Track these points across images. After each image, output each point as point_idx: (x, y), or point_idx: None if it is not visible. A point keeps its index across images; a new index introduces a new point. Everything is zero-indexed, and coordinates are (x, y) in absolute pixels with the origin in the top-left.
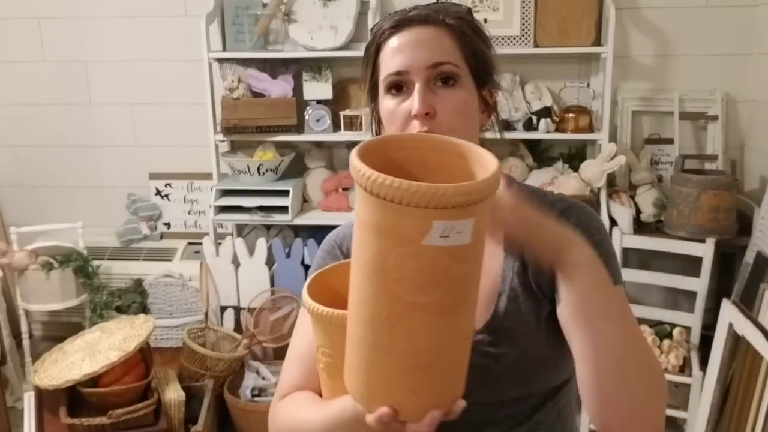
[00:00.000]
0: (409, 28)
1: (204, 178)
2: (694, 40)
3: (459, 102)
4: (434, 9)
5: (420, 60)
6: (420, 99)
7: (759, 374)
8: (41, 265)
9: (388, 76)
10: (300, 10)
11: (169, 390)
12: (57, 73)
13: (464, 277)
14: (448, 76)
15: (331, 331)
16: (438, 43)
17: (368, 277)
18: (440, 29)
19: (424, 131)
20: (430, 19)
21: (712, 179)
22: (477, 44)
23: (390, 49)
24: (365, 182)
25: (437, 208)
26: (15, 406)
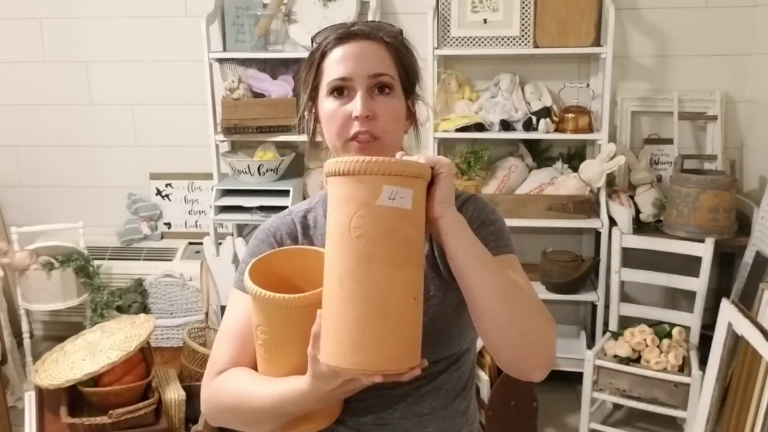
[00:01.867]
0: (354, 41)
1: (204, 178)
2: (694, 41)
3: (393, 108)
4: (374, 26)
5: (363, 69)
6: (363, 103)
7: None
8: (42, 265)
9: (333, 80)
10: (300, 10)
11: (170, 390)
12: (58, 74)
13: (409, 237)
14: (385, 85)
15: (270, 311)
16: (378, 57)
17: (337, 241)
18: (380, 45)
19: (363, 131)
20: (372, 35)
21: (712, 179)
22: (408, 60)
23: (335, 57)
24: (333, 167)
25: (385, 174)
26: (16, 406)
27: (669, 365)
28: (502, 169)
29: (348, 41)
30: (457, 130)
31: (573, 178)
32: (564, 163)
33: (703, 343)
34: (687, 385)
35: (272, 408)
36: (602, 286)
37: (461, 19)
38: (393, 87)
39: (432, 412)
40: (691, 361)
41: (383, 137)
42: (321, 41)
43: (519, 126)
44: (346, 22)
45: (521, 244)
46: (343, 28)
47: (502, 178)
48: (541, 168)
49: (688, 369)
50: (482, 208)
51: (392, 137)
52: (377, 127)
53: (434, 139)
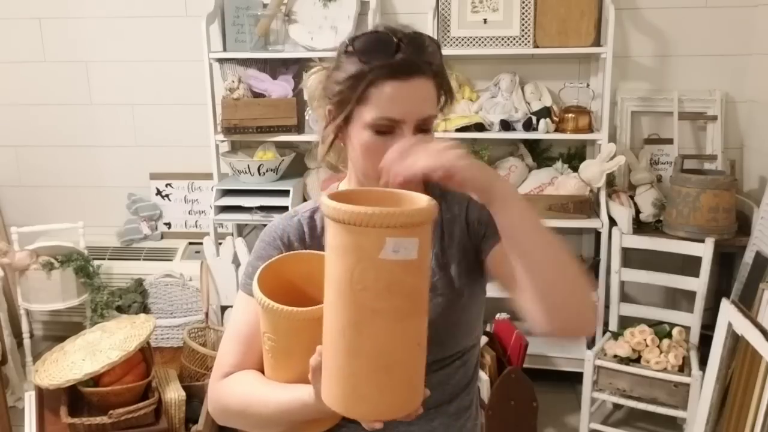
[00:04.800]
0: (408, 79)
1: (204, 178)
2: (694, 41)
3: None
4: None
5: (415, 113)
6: None
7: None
8: (42, 265)
9: (382, 118)
10: (300, 10)
11: (170, 389)
12: (58, 74)
13: (415, 288)
14: (429, 126)
15: (277, 321)
16: (429, 97)
17: (338, 291)
18: (430, 80)
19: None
20: (425, 69)
21: (712, 179)
22: (447, 86)
23: (387, 93)
24: (334, 213)
25: (389, 227)
26: (16, 406)
27: (669, 365)
28: (502, 169)
29: (402, 78)
30: (457, 130)
31: (573, 178)
32: (564, 163)
33: (703, 343)
34: (687, 385)
35: (277, 415)
36: (602, 286)
37: (461, 19)
38: (433, 124)
39: (438, 407)
40: (691, 361)
41: None
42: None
43: (519, 126)
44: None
45: None
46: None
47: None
48: (541, 168)
49: (688, 369)
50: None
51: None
52: None
53: None
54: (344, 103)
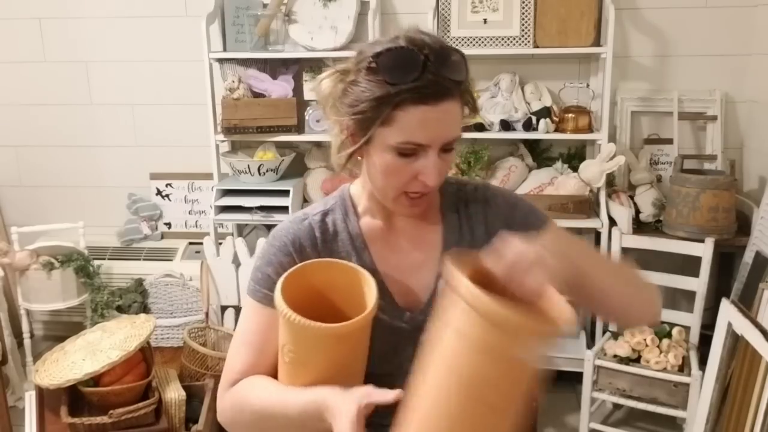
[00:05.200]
0: (437, 104)
1: (204, 178)
2: (694, 41)
3: (451, 161)
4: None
5: (442, 137)
6: (436, 173)
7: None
8: (42, 265)
9: (408, 143)
10: (300, 10)
11: (170, 389)
12: (58, 74)
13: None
14: (452, 146)
15: (300, 335)
16: (455, 119)
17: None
18: (457, 101)
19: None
20: (453, 92)
21: (711, 179)
22: (470, 95)
23: (415, 118)
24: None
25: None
26: (16, 406)
27: (669, 365)
28: (502, 169)
29: (431, 103)
30: None
31: (573, 178)
32: (564, 163)
33: (702, 343)
34: (687, 385)
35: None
36: None
37: (461, 19)
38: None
39: None
40: (691, 361)
41: (433, 191)
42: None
43: (519, 126)
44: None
45: None
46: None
47: (502, 178)
48: (541, 168)
49: (688, 369)
50: (508, 196)
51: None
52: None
53: None
54: (366, 122)
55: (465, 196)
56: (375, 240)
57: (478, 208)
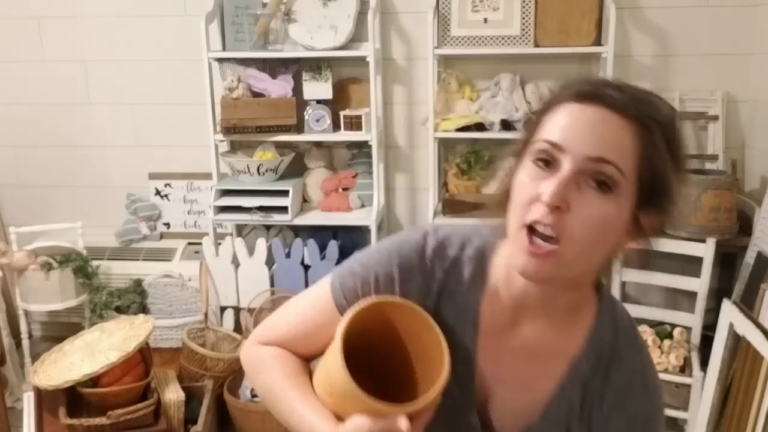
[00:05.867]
0: (594, 105)
1: (204, 178)
2: (695, 40)
3: (600, 214)
4: (635, 97)
5: (585, 145)
6: (557, 188)
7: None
8: (41, 265)
9: (542, 140)
10: (300, 9)
11: (169, 390)
12: (56, 73)
13: None
14: (604, 179)
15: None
16: (615, 138)
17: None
18: (629, 125)
19: (545, 223)
20: (622, 108)
21: (713, 179)
22: (663, 162)
23: (562, 115)
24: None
25: None
26: (14, 407)
27: (670, 366)
28: (502, 169)
29: (588, 102)
30: (457, 130)
31: None
32: None
33: (704, 343)
34: (688, 386)
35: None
36: None
37: (461, 19)
38: (617, 186)
39: None
40: (693, 361)
41: (565, 246)
42: (560, 90)
43: (519, 126)
44: (606, 81)
45: None
46: (595, 84)
47: (503, 178)
48: None
49: (689, 370)
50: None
51: (578, 249)
52: (565, 225)
53: (434, 138)
54: (524, 139)
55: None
56: (489, 327)
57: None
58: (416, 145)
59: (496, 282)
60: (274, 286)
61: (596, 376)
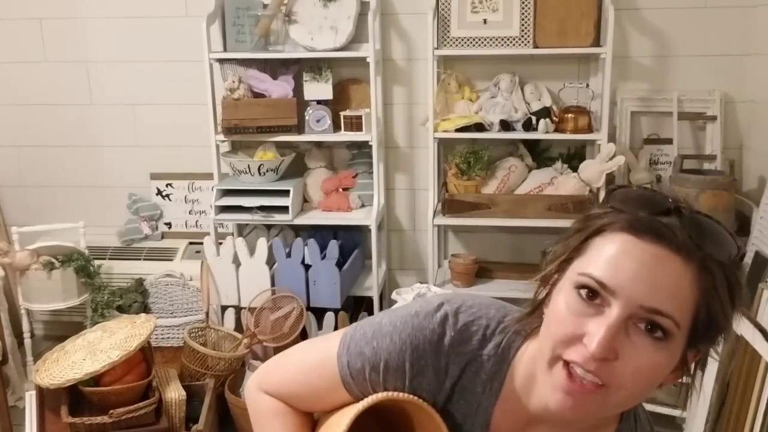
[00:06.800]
0: (653, 243)
1: (205, 178)
2: (693, 41)
3: (652, 364)
4: (700, 233)
5: (638, 292)
6: (606, 338)
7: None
8: (43, 265)
9: (587, 277)
10: (300, 10)
11: (170, 389)
12: (58, 74)
13: None
14: (659, 327)
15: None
16: (674, 287)
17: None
18: (691, 269)
19: (586, 370)
20: (687, 250)
21: (711, 179)
22: (721, 306)
23: (612, 248)
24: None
25: None
26: (16, 405)
27: None
28: (501, 169)
29: (646, 238)
30: (456, 130)
31: (573, 178)
32: (564, 163)
33: None
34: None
35: None
36: None
37: (461, 20)
38: (671, 337)
39: None
40: None
41: (613, 390)
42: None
43: (519, 126)
44: (669, 202)
45: (521, 244)
46: (653, 206)
47: (502, 178)
48: (541, 168)
49: None
50: None
51: (627, 397)
52: (612, 373)
53: (434, 139)
54: (567, 248)
55: None
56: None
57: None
58: (416, 146)
59: (515, 386)
60: (275, 285)
61: None
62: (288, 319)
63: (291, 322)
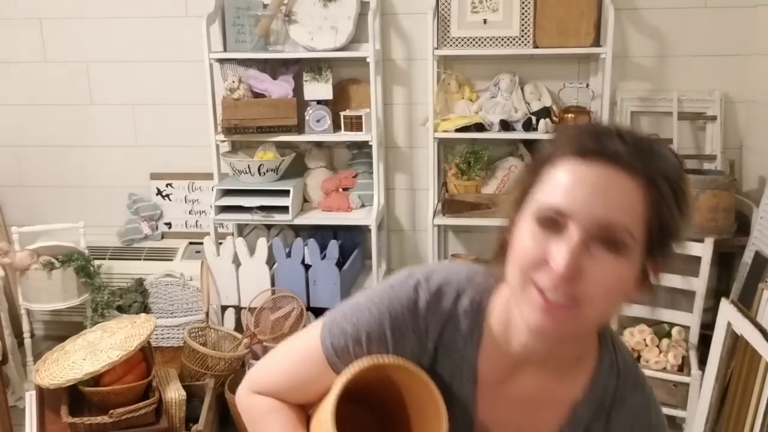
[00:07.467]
0: (599, 163)
1: (205, 178)
2: (693, 41)
3: (614, 276)
4: (641, 149)
5: (593, 211)
6: (570, 257)
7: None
8: (43, 265)
9: (546, 206)
10: (300, 10)
11: (170, 389)
12: (58, 74)
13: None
14: (616, 242)
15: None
16: (624, 201)
17: None
18: (635, 181)
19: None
20: (629, 164)
21: (711, 179)
22: (671, 212)
23: (564, 176)
24: None
25: None
26: (17, 405)
27: (668, 365)
28: (501, 169)
29: (594, 161)
30: (456, 130)
31: None
32: None
33: (702, 342)
34: (686, 385)
35: None
36: None
37: (461, 20)
38: (628, 248)
39: None
40: (691, 360)
41: (584, 304)
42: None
43: (519, 126)
44: (611, 128)
45: None
46: (599, 136)
47: (502, 178)
48: None
49: (688, 369)
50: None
51: (598, 309)
52: (580, 290)
53: (434, 139)
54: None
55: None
56: (487, 380)
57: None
58: (416, 146)
59: (494, 335)
60: (275, 285)
61: (597, 423)
62: (288, 319)
63: (291, 322)
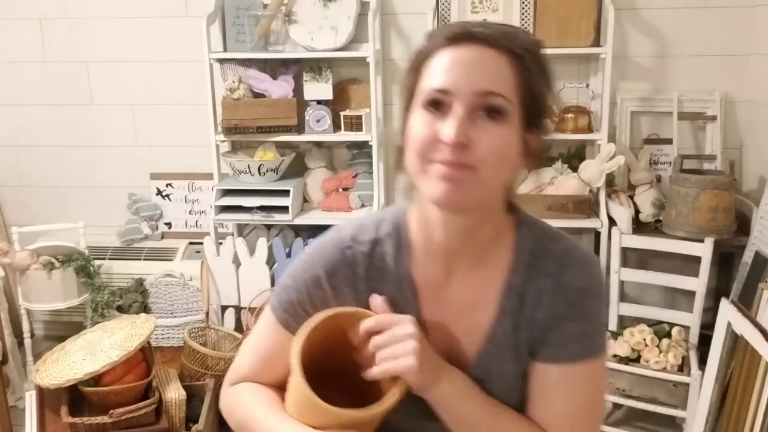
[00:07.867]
0: (467, 45)
1: (205, 178)
2: (693, 41)
3: (499, 139)
4: (501, 31)
5: (470, 83)
6: (457, 126)
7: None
8: (43, 265)
9: (429, 90)
10: (300, 10)
11: (170, 389)
12: (58, 74)
13: None
14: (495, 108)
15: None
16: (495, 71)
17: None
18: (502, 56)
19: (453, 161)
20: (494, 42)
21: (711, 179)
22: (537, 83)
23: (440, 62)
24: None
25: None
26: (16, 406)
27: (668, 365)
28: None
29: (461, 44)
30: None
31: (572, 178)
32: (563, 163)
33: (702, 342)
34: (686, 385)
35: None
36: None
37: (461, 20)
38: (506, 113)
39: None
40: (691, 360)
41: (480, 168)
42: (429, 37)
43: None
44: (469, 21)
45: None
46: (461, 26)
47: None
48: (541, 168)
49: (688, 369)
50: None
51: (492, 171)
52: (472, 156)
53: None
54: (404, 90)
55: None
56: (426, 288)
57: (549, 282)
58: None
59: (419, 244)
60: (275, 285)
61: (530, 282)
62: None
63: None
